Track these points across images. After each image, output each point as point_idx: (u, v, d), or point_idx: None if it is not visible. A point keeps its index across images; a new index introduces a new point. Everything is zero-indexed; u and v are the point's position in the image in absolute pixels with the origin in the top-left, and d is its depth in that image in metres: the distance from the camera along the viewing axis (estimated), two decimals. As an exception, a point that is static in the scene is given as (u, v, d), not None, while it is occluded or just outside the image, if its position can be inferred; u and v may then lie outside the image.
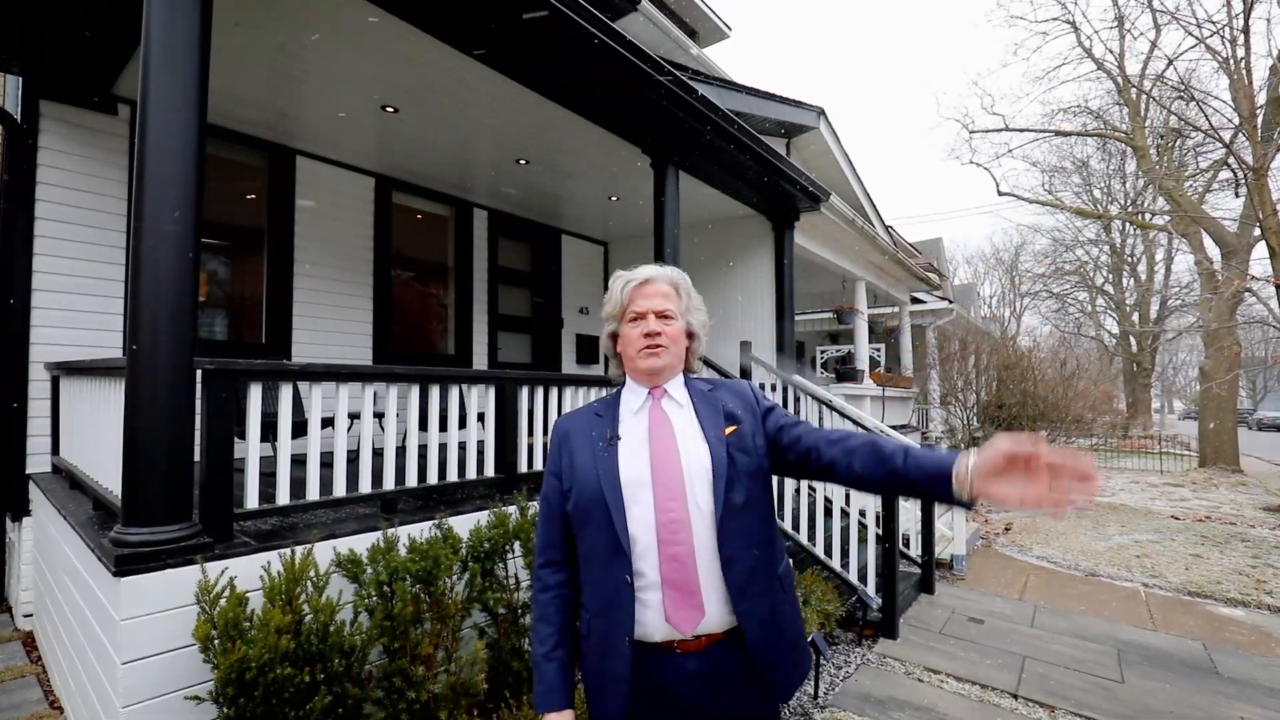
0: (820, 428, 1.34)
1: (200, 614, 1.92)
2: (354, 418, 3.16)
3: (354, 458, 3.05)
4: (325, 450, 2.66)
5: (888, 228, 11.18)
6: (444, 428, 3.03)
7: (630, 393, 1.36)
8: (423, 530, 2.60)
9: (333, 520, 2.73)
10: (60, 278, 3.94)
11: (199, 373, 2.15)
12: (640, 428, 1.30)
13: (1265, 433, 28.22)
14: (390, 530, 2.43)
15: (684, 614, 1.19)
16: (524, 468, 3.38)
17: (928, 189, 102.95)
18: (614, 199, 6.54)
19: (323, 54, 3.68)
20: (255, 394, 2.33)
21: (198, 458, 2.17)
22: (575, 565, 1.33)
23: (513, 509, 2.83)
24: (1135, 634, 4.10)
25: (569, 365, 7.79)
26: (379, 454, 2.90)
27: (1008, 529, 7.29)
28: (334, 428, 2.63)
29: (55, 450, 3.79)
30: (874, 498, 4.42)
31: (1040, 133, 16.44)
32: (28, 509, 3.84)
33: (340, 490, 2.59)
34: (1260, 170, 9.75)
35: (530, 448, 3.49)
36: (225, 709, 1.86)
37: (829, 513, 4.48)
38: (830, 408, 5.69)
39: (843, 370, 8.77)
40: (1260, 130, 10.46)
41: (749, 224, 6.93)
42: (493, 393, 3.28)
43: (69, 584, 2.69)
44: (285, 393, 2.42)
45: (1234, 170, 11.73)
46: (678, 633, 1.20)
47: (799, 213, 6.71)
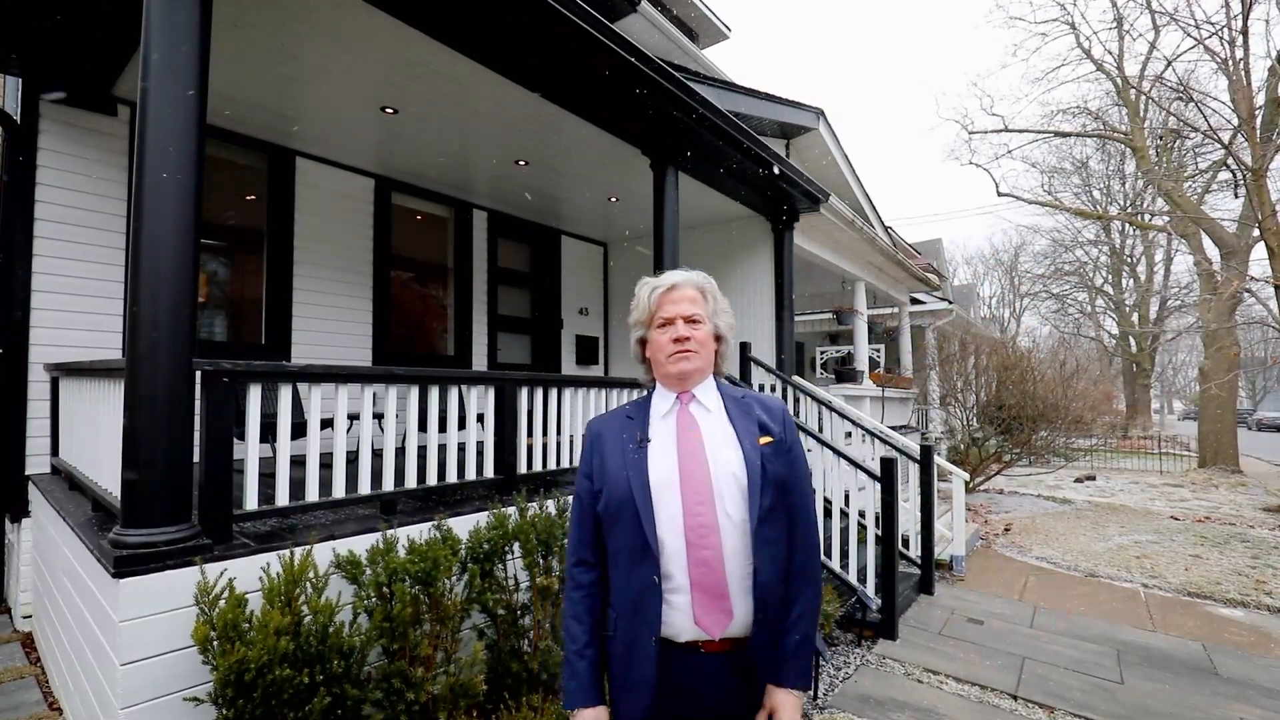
0: (802, 525, 1.32)
1: (199, 615, 1.92)
2: (353, 419, 3.16)
3: (353, 459, 3.04)
4: (325, 451, 2.66)
5: (887, 228, 11.19)
6: (443, 429, 3.03)
7: (659, 397, 1.39)
8: (422, 531, 2.60)
9: (332, 521, 2.73)
10: (60, 278, 3.94)
11: (198, 373, 2.16)
12: (668, 431, 1.32)
13: (1265, 433, 28.21)
14: (389, 531, 2.43)
15: (713, 617, 1.22)
16: (523, 469, 3.38)
17: (927, 190, 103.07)
18: (614, 200, 6.54)
19: (322, 55, 3.68)
20: (255, 395, 2.32)
21: (197, 459, 2.17)
22: (600, 565, 1.35)
23: (512, 510, 2.83)
24: (1135, 635, 4.10)
25: (569, 366, 7.79)
26: (378, 455, 2.90)
27: (1007, 530, 7.29)
28: (333, 429, 2.63)
29: (55, 451, 3.79)
30: (874, 499, 4.42)
31: (1040, 133, 16.45)
32: (27, 510, 3.84)
33: (339, 491, 2.59)
34: (1259, 171, 9.76)
35: (529, 449, 3.49)
36: (224, 710, 1.86)
37: (828, 513, 4.48)
38: (830, 408, 5.69)
39: (842, 371, 8.78)
40: (1259, 131, 10.48)
41: (748, 225, 6.93)
42: (492, 394, 3.28)
43: (68, 585, 2.68)
44: (284, 394, 2.42)
45: (1233, 171, 11.74)
46: (704, 634, 1.22)
47: (798, 213, 6.72)
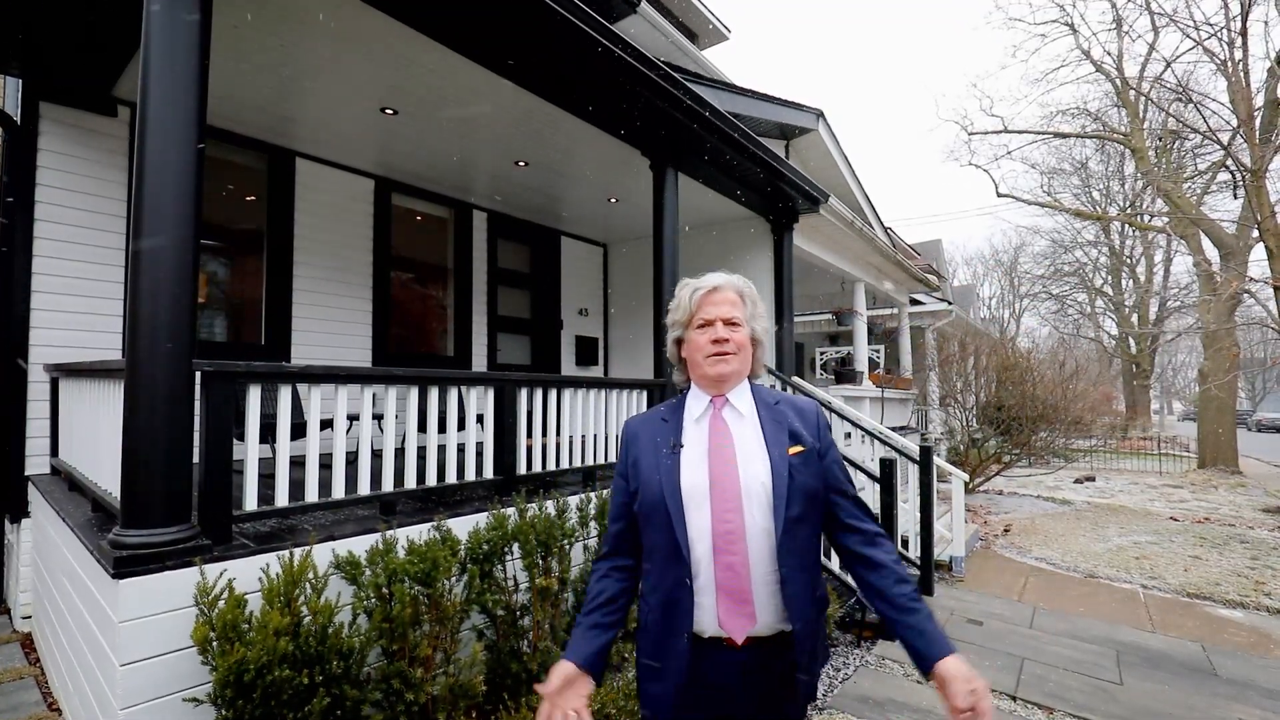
0: (860, 513, 1.35)
1: (199, 616, 1.92)
2: (353, 419, 3.17)
3: (353, 459, 3.05)
4: (324, 452, 2.66)
5: (887, 229, 11.20)
6: (443, 429, 3.03)
7: (694, 399, 1.40)
8: (421, 532, 2.60)
9: (331, 522, 2.73)
10: (60, 279, 3.94)
11: (198, 374, 2.16)
12: (701, 438, 1.34)
13: (1264, 434, 28.22)
14: (389, 532, 2.43)
15: (736, 620, 1.26)
16: (523, 469, 3.39)
17: (927, 191, 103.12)
18: (613, 201, 6.55)
19: (322, 56, 3.68)
20: (254, 395, 2.33)
21: (197, 459, 2.17)
22: (633, 555, 1.40)
23: (511, 511, 2.83)
24: (1134, 635, 4.10)
25: (568, 367, 7.79)
26: (378, 455, 2.90)
27: (1007, 530, 7.29)
28: (333, 429, 2.63)
29: (54, 452, 3.79)
30: (873, 499, 4.42)
31: (1039, 134, 16.47)
32: (26, 510, 3.84)
33: (339, 492, 2.59)
34: (1258, 172, 9.77)
35: (529, 450, 3.49)
36: (224, 711, 1.86)
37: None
38: (829, 409, 5.70)
39: (842, 372, 8.78)
40: (1258, 132, 10.49)
41: (748, 225, 6.94)
42: (491, 394, 3.28)
43: (67, 586, 2.69)
44: (284, 394, 2.42)
45: (1232, 172, 11.75)
46: (728, 634, 1.27)
47: (798, 214, 6.72)
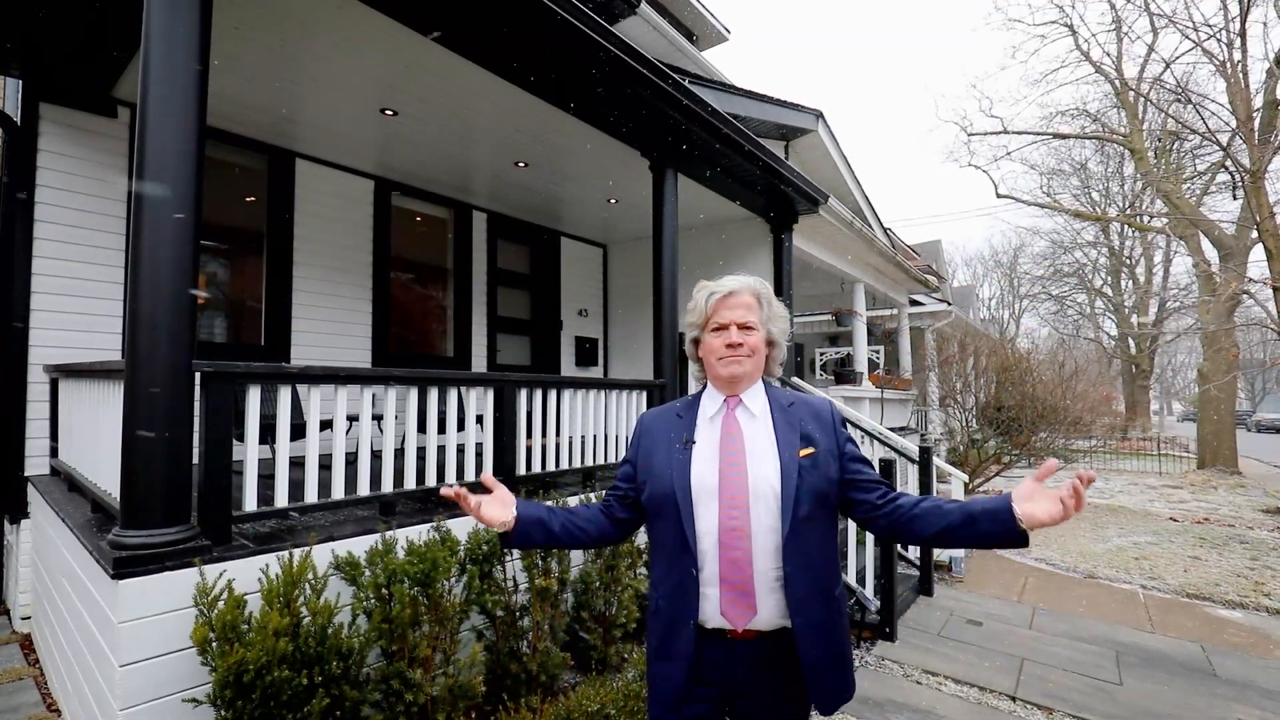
0: (889, 489, 1.37)
1: (198, 616, 1.92)
2: (353, 420, 3.17)
3: (352, 460, 3.05)
4: (324, 452, 2.66)
5: (886, 230, 11.20)
6: (442, 430, 3.03)
7: (709, 397, 1.44)
8: (421, 533, 2.60)
9: (331, 523, 2.73)
10: (60, 280, 3.94)
11: (198, 375, 2.16)
12: (714, 436, 1.37)
13: (1264, 434, 28.22)
14: (388, 532, 2.43)
15: (737, 611, 1.30)
16: (522, 470, 3.38)
17: (926, 191, 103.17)
18: (613, 202, 6.55)
19: (322, 57, 3.69)
20: (254, 396, 2.33)
21: (196, 460, 2.17)
22: (612, 516, 1.47)
23: (511, 511, 2.83)
24: (1133, 636, 4.10)
25: (568, 367, 7.79)
26: (377, 456, 2.90)
27: (1006, 531, 7.28)
28: (333, 430, 2.63)
29: (54, 452, 3.79)
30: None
31: (1038, 135, 16.48)
32: (26, 511, 3.84)
33: (339, 493, 2.59)
34: (1257, 173, 9.77)
35: (529, 450, 3.49)
36: (223, 711, 1.86)
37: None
38: (829, 410, 5.69)
39: (841, 373, 8.79)
40: (1257, 133, 10.50)
41: (748, 226, 6.94)
42: (491, 395, 3.28)
43: (67, 586, 2.68)
44: (284, 395, 2.42)
45: (1231, 173, 11.75)
46: (729, 624, 1.32)
47: (797, 215, 6.73)
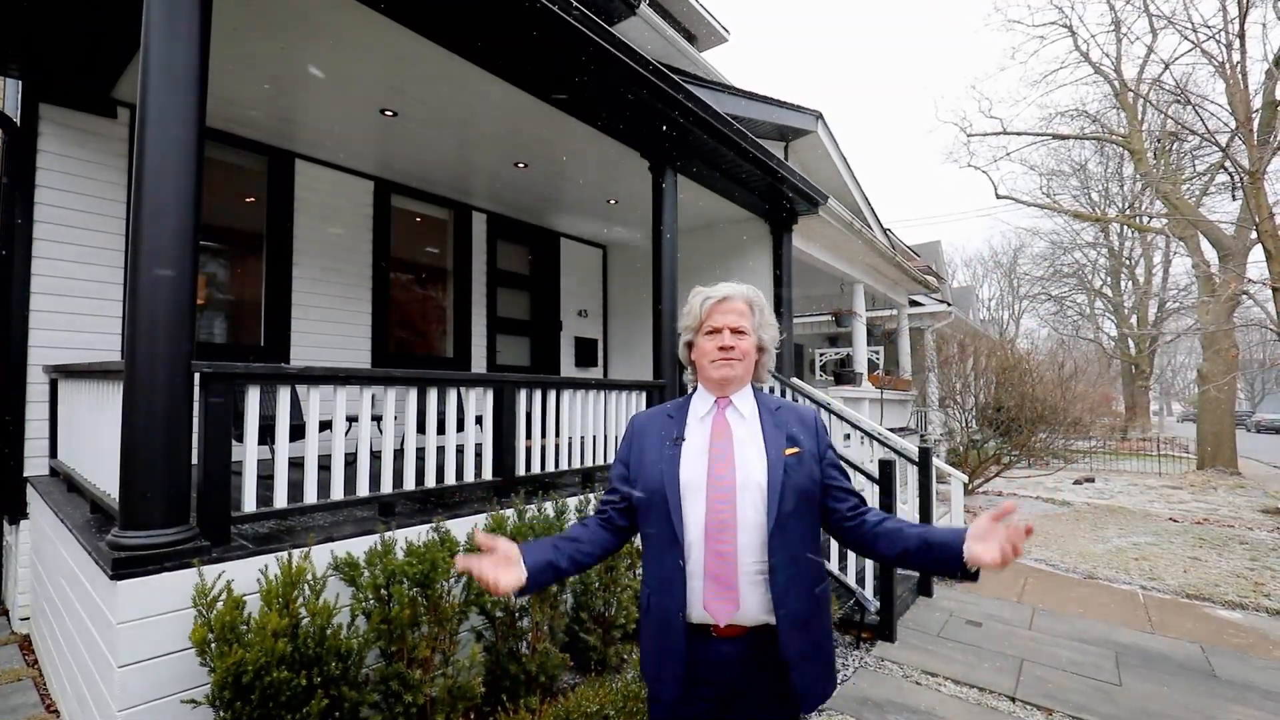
0: (861, 503, 1.42)
1: (197, 617, 1.92)
2: (352, 420, 3.17)
3: (352, 461, 3.04)
4: (323, 453, 2.66)
5: (886, 231, 11.20)
6: (442, 431, 3.03)
7: (699, 399, 1.48)
8: (420, 533, 2.60)
9: (330, 523, 2.73)
10: (59, 280, 3.94)
11: (197, 375, 2.16)
12: (703, 435, 1.42)
13: (1263, 435, 28.21)
14: (388, 533, 2.43)
15: (720, 604, 1.33)
16: (522, 471, 3.38)
17: (926, 192, 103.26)
18: (613, 202, 6.56)
19: (322, 58, 3.69)
20: (253, 397, 2.33)
21: (195, 461, 2.17)
22: (610, 524, 1.48)
23: (510, 512, 2.83)
24: (1133, 636, 4.10)
25: (568, 368, 7.79)
26: (377, 457, 2.90)
27: (1006, 532, 7.28)
28: (332, 431, 2.63)
29: (53, 453, 3.79)
30: (872, 500, 4.42)
31: (1038, 136, 16.51)
32: (25, 512, 3.83)
33: (338, 493, 2.59)
34: (1256, 174, 9.78)
35: (528, 451, 3.49)
36: (222, 712, 1.86)
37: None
38: (829, 411, 5.70)
39: (841, 373, 8.79)
40: (1256, 134, 10.50)
41: (747, 227, 6.94)
42: (490, 396, 3.28)
43: (66, 587, 2.68)
44: (283, 396, 2.42)
45: (1230, 174, 11.77)
46: (712, 618, 1.34)
47: (797, 216, 6.73)
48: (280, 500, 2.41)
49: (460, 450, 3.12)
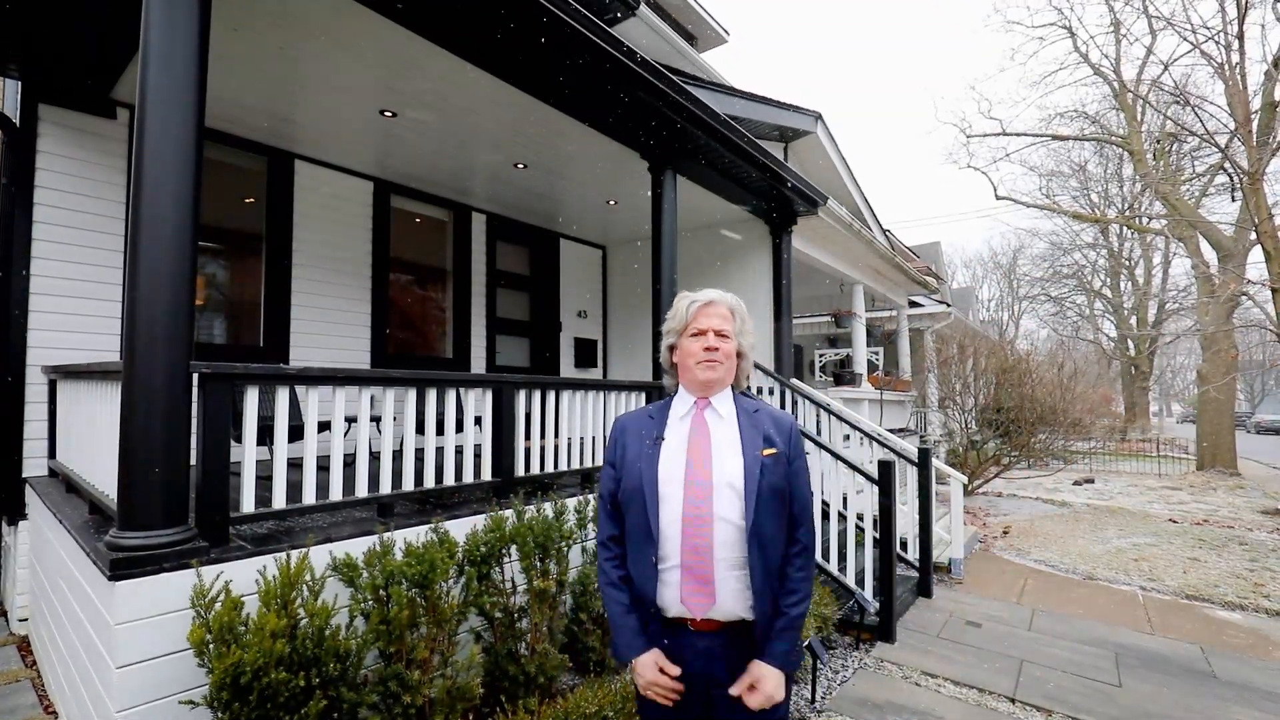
0: (801, 529, 1.47)
1: (195, 618, 1.92)
2: (351, 421, 3.16)
3: (350, 461, 3.04)
4: (322, 454, 2.66)
5: (885, 231, 11.20)
6: (441, 431, 3.03)
7: (680, 400, 1.54)
8: (419, 534, 2.60)
9: (329, 524, 2.72)
10: (58, 281, 3.94)
11: (196, 376, 2.16)
12: (682, 433, 1.48)
13: (1263, 436, 28.22)
14: (386, 534, 2.42)
15: (696, 599, 1.38)
16: (521, 471, 3.38)
17: (926, 193, 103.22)
18: (612, 203, 6.56)
19: (321, 59, 3.69)
20: (252, 397, 2.33)
21: (194, 461, 2.17)
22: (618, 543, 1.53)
23: (509, 513, 2.83)
24: (1133, 637, 4.10)
25: (567, 369, 7.79)
26: (376, 457, 2.89)
27: (1006, 532, 7.28)
28: (331, 431, 2.63)
29: (52, 454, 3.78)
30: (872, 502, 4.42)
31: (1037, 137, 16.53)
32: (24, 512, 3.83)
33: (337, 494, 2.59)
34: (1255, 175, 9.79)
35: (527, 452, 3.49)
36: (220, 713, 1.85)
37: (826, 516, 4.48)
38: (828, 411, 5.70)
39: (841, 374, 8.78)
40: (1255, 135, 10.51)
41: (746, 228, 6.94)
42: (490, 396, 3.28)
43: (64, 588, 2.68)
44: (282, 396, 2.42)
45: (1230, 175, 11.78)
46: (688, 613, 1.39)
47: (796, 217, 6.73)
48: (279, 501, 2.40)
49: (459, 451, 3.11)
